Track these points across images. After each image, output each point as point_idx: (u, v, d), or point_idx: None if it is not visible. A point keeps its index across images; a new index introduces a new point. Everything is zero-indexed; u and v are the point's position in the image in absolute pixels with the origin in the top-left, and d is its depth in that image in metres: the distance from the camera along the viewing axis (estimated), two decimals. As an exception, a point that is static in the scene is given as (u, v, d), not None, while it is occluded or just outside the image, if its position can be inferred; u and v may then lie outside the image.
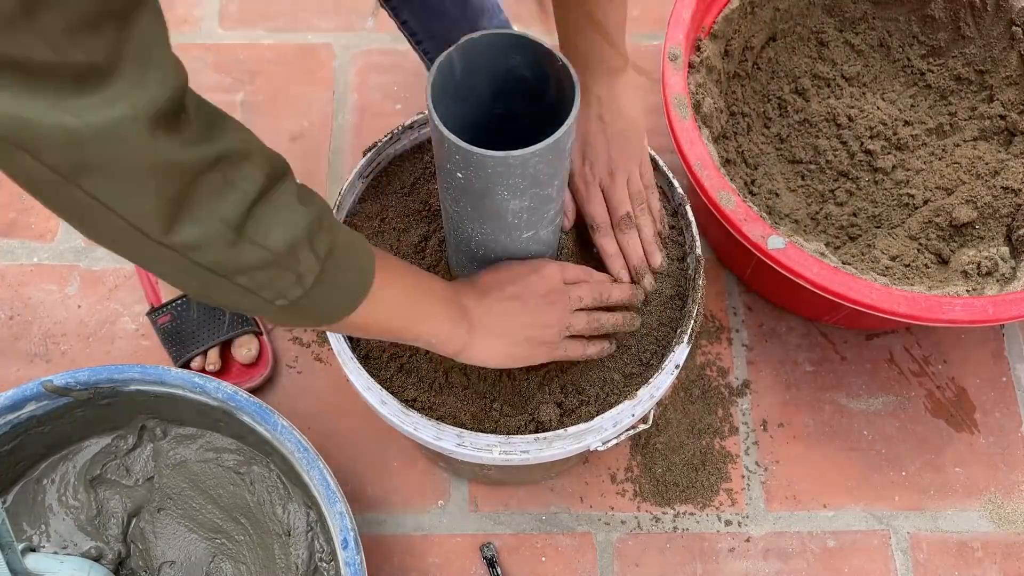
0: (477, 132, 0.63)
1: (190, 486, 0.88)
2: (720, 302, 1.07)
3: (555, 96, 0.58)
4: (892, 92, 1.09)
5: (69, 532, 0.86)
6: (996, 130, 1.03)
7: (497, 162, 0.54)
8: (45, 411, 0.83)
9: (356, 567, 0.75)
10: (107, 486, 0.88)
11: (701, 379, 1.02)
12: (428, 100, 0.54)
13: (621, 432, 0.71)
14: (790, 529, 0.96)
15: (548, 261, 0.68)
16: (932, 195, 0.98)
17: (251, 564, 0.86)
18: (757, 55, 1.09)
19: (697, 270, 0.76)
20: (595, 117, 0.71)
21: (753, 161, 1.05)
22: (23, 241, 1.09)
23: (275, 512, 0.87)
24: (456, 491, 0.97)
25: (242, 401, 0.81)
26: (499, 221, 0.61)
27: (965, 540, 0.95)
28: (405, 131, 0.81)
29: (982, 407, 1.02)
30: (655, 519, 0.96)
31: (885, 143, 1.03)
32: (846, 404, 1.02)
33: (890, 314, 0.82)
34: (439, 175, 0.62)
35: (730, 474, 0.98)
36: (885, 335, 1.05)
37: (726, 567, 0.94)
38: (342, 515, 0.77)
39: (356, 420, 0.99)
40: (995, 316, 0.82)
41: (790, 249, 0.84)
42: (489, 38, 0.57)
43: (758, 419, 1.01)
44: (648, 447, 0.98)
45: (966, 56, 1.07)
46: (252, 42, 1.22)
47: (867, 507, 0.97)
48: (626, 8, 0.68)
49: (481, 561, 0.93)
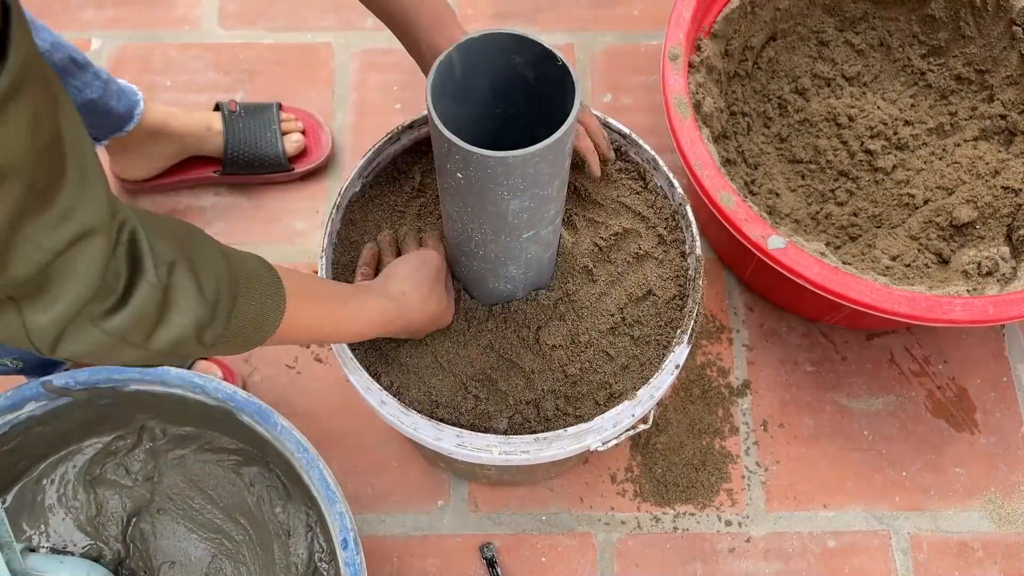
0: (477, 132, 0.63)
1: (189, 486, 0.88)
2: (720, 302, 1.07)
3: (555, 96, 0.58)
4: (892, 92, 1.09)
5: (69, 532, 0.86)
6: (996, 130, 1.03)
7: (497, 162, 0.53)
8: (45, 411, 0.83)
9: (356, 567, 0.75)
10: (106, 486, 0.88)
11: (701, 379, 1.02)
12: (428, 100, 0.54)
13: (621, 432, 0.71)
14: (790, 529, 0.95)
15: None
16: (932, 195, 0.98)
17: (250, 564, 0.86)
18: (757, 55, 1.09)
19: (697, 270, 0.76)
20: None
21: (753, 161, 1.05)
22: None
23: (275, 512, 0.87)
24: (456, 491, 0.97)
25: (241, 401, 0.81)
26: (499, 221, 0.61)
27: (965, 540, 0.95)
28: (405, 131, 0.81)
29: (982, 407, 1.02)
30: (655, 519, 0.96)
31: (885, 143, 1.02)
32: (846, 404, 1.02)
33: (891, 314, 0.82)
34: (439, 175, 0.62)
35: (730, 474, 0.98)
36: (886, 335, 1.05)
37: (726, 567, 0.94)
38: (342, 515, 0.77)
39: (356, 420, 0.99)
40: (995, 316, 0.82)
41: (790, 249, 0.84)
42: (489, 38, 0.57)
43: (758, 419, 1.00)
44: (648, 447, 0.98)
45: (966, 56, 1.06)
46: (252, 42, 1.22)
47: (867, 507, 0.97)
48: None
49: (481, 561, 0.93)
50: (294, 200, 1.12)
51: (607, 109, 1.18)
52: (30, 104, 0.34)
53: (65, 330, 0.42)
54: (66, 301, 0.41)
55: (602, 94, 1.19)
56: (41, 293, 0.40)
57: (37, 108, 0.35)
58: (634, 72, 1.20)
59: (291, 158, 1.10)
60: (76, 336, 0.42)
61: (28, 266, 0.38)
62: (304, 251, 1.09)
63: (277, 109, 1.10)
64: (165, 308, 0.45)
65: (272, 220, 1.11)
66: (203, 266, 0.47)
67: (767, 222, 0.86)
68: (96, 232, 0.40)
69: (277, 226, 1.11)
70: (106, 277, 0.41)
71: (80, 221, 0.39)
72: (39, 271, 0.39)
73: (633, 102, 1.18)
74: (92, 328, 0.42)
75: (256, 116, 1.09)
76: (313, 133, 1.12)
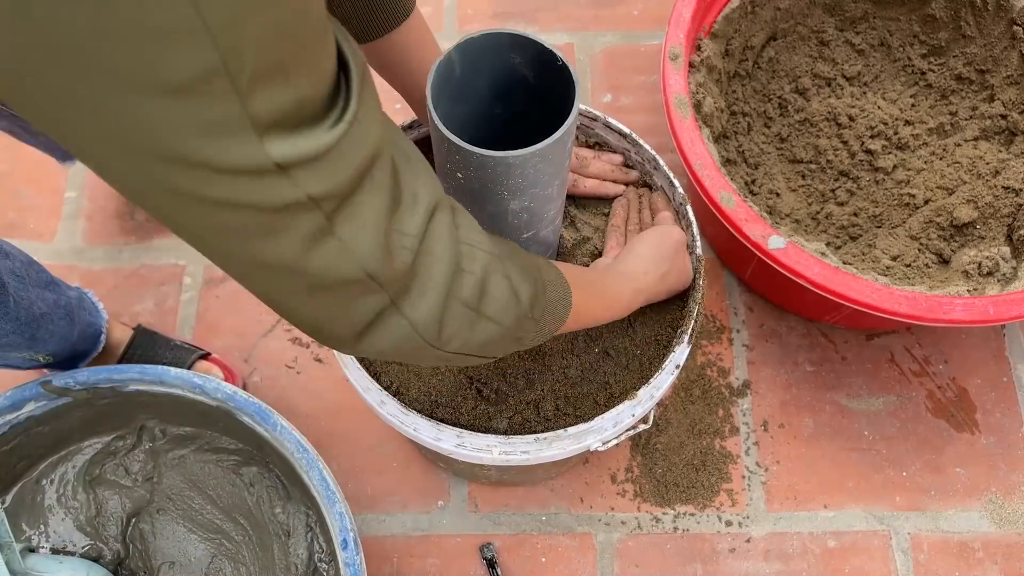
0: (477, 132, 0.63)
1: (189, 486, 0.88)
2: (720, 302, 1.07)
3: (555, 96, 0.58)
4: (893, 91, 1.09)
5: (68, 532, 0.86)
6: (997, 130, 1.03)
7: (497, 162, 0.53)
8: (44, 411, 0.83)
9: (356, 567, 0.75)
10: (106, 486, 0.88)
11: (701, 379, 1.02)
12: (428, 100, 0.54)
13: (621, 432, 0.71)
14: (791, 529, 0.95)
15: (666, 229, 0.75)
16: (933, 195, 0.98)
17: (250, 564, 0.86)
18: (758, 54, 1.09)
19: (698, 270, 0.76)
20: None
21: (754, 161, 1.05)
22: (23, 241, 1.09)
23: (274, 512, 0.87)
24: (456, 491, 0.97)
25: (241, 401, 0.81)
26: (499, 221, 0.61)
27: (966, 540, 0.95)
28: (405, 131, 0.81)
29: (983, 407, 1.02)
30: (655, 519, 0.95)
31: (886, 143, 1.02)
32: (847, 404, 1.01)
33: (891, 314, 0.82)
34: (439, 175, 0.62)
35: (730, 474, 0.98)
36: (886, 335, 1.05)
37: (726, 568, 0.94)
38: (342, 515, 0.77)
39: (356, 420, 0.99)
40: (996, 316, 0.82)
41: (791, 249, 0.84)
42: (489, 38, 0.57)
43: (759, 419, 1.00)
44: (648, 447, 0.98)
45: (967, 55, 1.06)
46: (252, 41, 1.22)
47: (868, 507, 0.97)
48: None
49: (481, 561, 0.93)
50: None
51: (607, 109, 1.18)
52: (374, 94, 0.38)
53: (443, 316, 0.44)
54: (435, 285, 0.43)
55: (602, 94, 1.19)
56: (412, 285, 0.42)
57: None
58: (634, 72, 1.20)
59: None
60: (449, 317, 0.44)
61: (404, 256, 0.41)
62: (304, 251, 1.09)
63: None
64: (509, 281, 0.48)
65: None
66: (515, 250, 0.52)
67: (767, 222, 0.86)
68: (439, 207, 0.43)
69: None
70: (459, 260, 0.44)
71: (425, 202, 0.42)
72: (412, 259, 0.41)
73: (633, 102, 1.18)
74: (456, 304, 0.44)
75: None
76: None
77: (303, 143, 0.33)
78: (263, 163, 0.32)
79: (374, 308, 0.41)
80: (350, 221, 0.37)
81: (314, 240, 0.36)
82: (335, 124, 0.35)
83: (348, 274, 0.38)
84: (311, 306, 0.40)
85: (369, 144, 0.37)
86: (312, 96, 0.33)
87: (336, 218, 0.36)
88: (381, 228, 0.39)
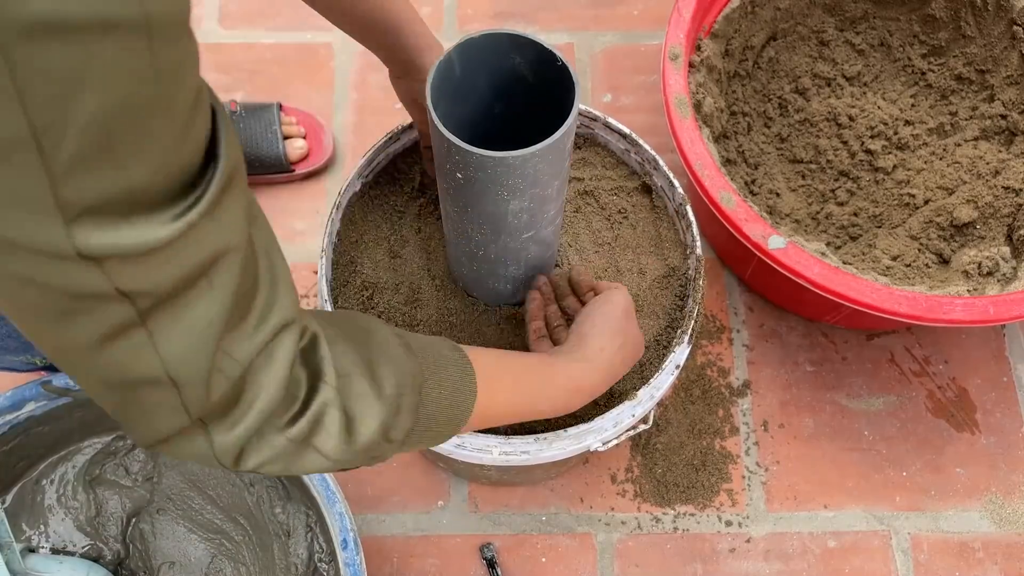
0: (477, 132, 0.63)
1: (189, 486, 0.88)
2: (720, 302, 1.07)
3: (555, 96, 0.58)
4: (893, 92, 1.09)
5: (68, 532, 0.86)
6: (997, 130, 1.03)
7: (497, 162, 0.53)
8: (44, 411, 0.83)
9: (356, 567, 0.75)
10: (106, 486, 0.88)
11: (701, 379, 1.02)
12: (428, 100, 0.54)
13: (621, 432, 0.71)
14: (791, 529, 0.95)
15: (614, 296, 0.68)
16: (933, 195, 0.98)
17: (250, 565, 0.86)
18: (758, 54, 1.09)
19: (697, 270, 0.76)
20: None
21: (754, 161, 1.05)
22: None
23: (274, 512, 0.87)
24: (456, 491, 0.97)
25: (241, 401, 0.81)
26: (499, 221, 0.61)
27: (966, 540, 0.95)
28: (405, 131, 0.81)
29: (983, 407, 1.02)
30: (655, 519, 0.96)
31: (886, 143, 1.02)
32: (847, 404, 1.01)
33: (891, 314, 0.82)
34: (439, 175, 0.62)
35: (731, 474, 0.98)
36: (886, 335, 1.05)
37: (727, 568, 0.94)
38: (342, 515, 0.77)
39: (356, 420, 0.99)
40: (996, 316, 0.82)
41: (791, 249, 0.84)
42: (489, 38, 0.57)
43: (759, 419, 1.00)
44: (648, 447, 0.98)
45: (967, 55, 1.06)
46: (252, 42, 1.22)
47: (868, 507, 0.97)
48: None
49: (481, 562, 0.93)
50: (294, 200, 1.12)
51: (607, 109, 1.18)
52: (243, 197, 0.35)
53: (249, 442, 0.40)
54: (252, 416, 0.39)
55: (602, 94, 1.19)
56: (228, 411, 0.39)
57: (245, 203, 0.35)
58: (634, 72, 1.20)
59: (293, 162, 1.10)
60: (259, 447, 0.41)
61: (224, 384, 0.37)
62: (304, 251, 1.09)
63: (278, 109, 1.10)
64: (348, 417, 0.43)
65: (272, 220, 1.10)
66: (382, 365, 0.45)
67: (767, 222, 0.86)
68: (287, 331, 0.39)
69: (277, 226, 1.10)
70: (288, 387, 0.40)
71: (272, 324, 0.39)
72: (232, 387, 0.38)
73: (633, 102, 1.18)
74: (276, 436, 0.41)
75: (257, 116, 1.09)
76: (314, 135, 1.12)
77: (126, 235, 0.30)
78: (64, 250, 0.29)
79: (177, 424, 0.38)
80: (171, 323, 0.34)
81: (118, 334, 0.33)
82: (177, 218, 0.31)
83: (150, 376, 0.35)
84: (111, 404, 0.37)
85: (214, 245, 0.33)
86: (149, 186, 0.30)
87: (152, 315, 0.33)
88: (210, 338, 0.35)
